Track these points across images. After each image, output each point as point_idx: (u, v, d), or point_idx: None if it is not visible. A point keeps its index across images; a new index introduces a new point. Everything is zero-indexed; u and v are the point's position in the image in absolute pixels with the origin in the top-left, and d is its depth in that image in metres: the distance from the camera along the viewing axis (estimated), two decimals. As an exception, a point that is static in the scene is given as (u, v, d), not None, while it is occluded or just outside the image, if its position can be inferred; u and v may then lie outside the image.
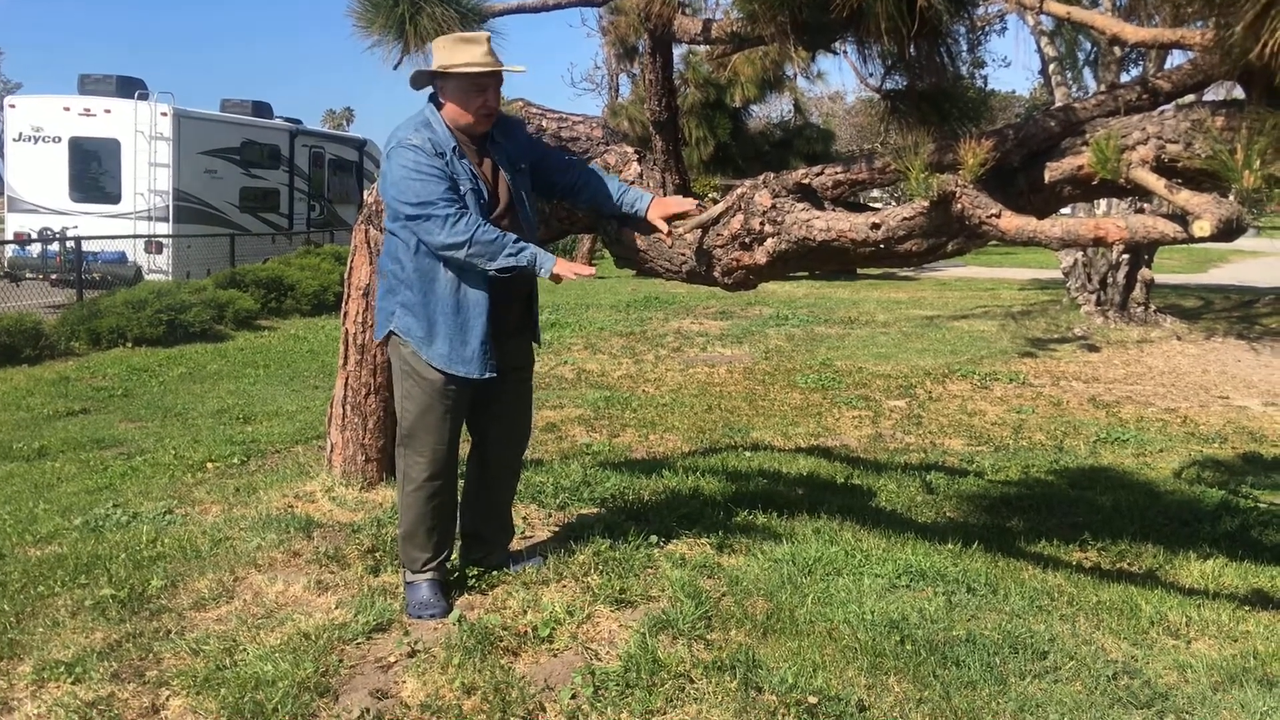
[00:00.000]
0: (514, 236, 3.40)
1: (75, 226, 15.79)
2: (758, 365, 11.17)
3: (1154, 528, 5.32)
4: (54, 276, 15.37)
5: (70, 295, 14.12)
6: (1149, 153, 3.14)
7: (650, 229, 3.80)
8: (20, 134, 16.95)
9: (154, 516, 4.72)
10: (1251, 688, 3.20)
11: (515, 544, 4.12)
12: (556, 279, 3.43)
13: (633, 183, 4.12)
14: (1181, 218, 2.80)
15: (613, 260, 4.26)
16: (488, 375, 3.49)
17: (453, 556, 3.80)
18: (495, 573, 3.80)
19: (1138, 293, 15.07)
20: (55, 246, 15.74)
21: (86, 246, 14.82)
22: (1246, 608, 4.03)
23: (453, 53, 3.43)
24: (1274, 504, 6.04)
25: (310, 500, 4.74)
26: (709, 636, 3.35)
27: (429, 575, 3.60)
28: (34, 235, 16.16)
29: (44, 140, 16.83)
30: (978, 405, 9.19)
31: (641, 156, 4.25)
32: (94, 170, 16.98)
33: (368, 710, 2.92)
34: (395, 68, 4.22)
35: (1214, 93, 3.71)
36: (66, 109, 16.81)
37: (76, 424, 8.07)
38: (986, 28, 17.15)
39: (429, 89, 3.59)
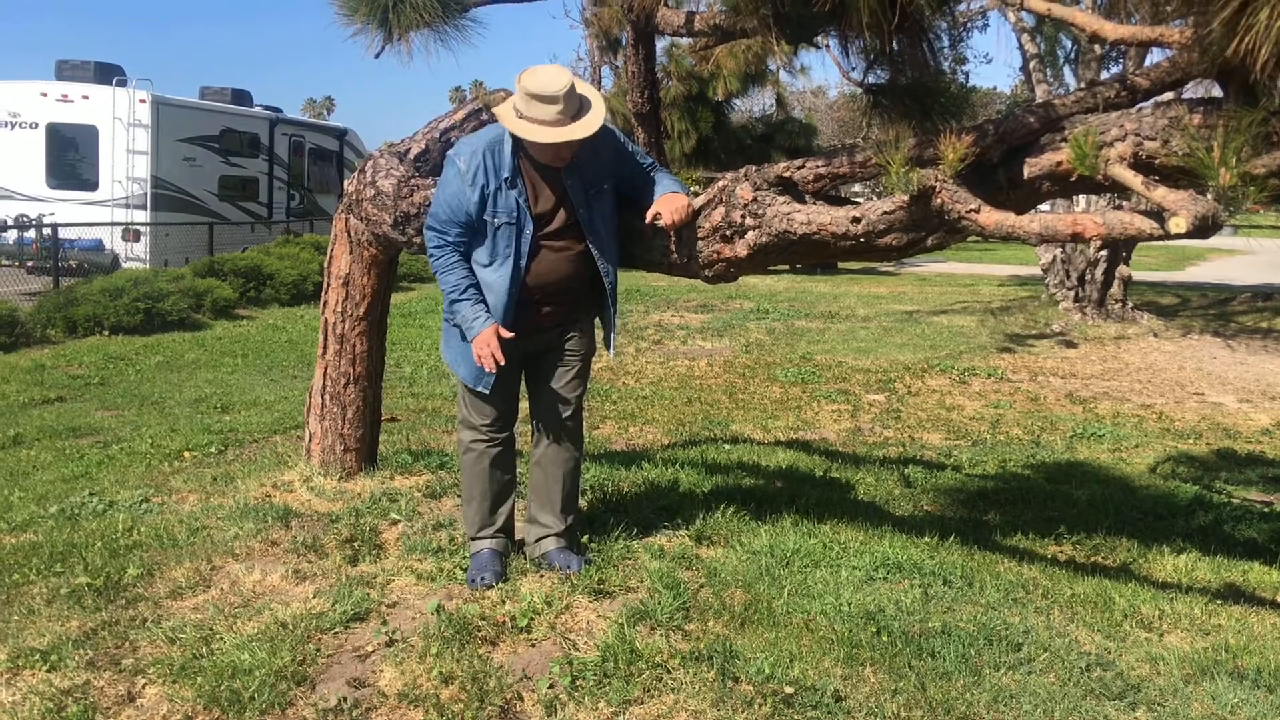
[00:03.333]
0: (472, 287, 3.54)
1: (52, 213, 15.63)
2: (738, 359, 11.19)
3: (1128, 522, 5.36)
4: (30, 264, 15.21)
5: (46, 283, 13.98)
6: (1127, 149, 3.16)
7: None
8: (-4, 120, 16.78)
9: (130, 505, 4.69)
10: (1222, 680, 3.23)
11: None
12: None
13: None
14: (1158, 215, 2.83)
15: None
16: (488, 387, 3.66)
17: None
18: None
19: (1115, 290, 15.18)
20: (31, 233, 15.58)
21: (63, 234, 14.68)
22: (1218, 601, 4.07)
23: (525, 106, 3.36)
24: (1247, 499, 6.10)
25: (288, 490, 4.72)
26: (687, 627, 3.36)
27: (484, 544, 3.78)
28: (10, 222, 15.99)
29: (20, 126, 16.64)
30: (956, 400, 9.24)
31: (624, 148, 4.25)
32: (71, 157, 16.79)
33: (345, 699, 2.91)
34: (377, 56, 4.22)
35: (1192, 91, 3.75)
36: (44, 95, 16.62)
37: (52, 412, 8.01)
38: (968, 24, 17.21)
39: None
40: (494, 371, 3.51)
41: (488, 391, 3.67)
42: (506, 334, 3.51)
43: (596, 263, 3.63)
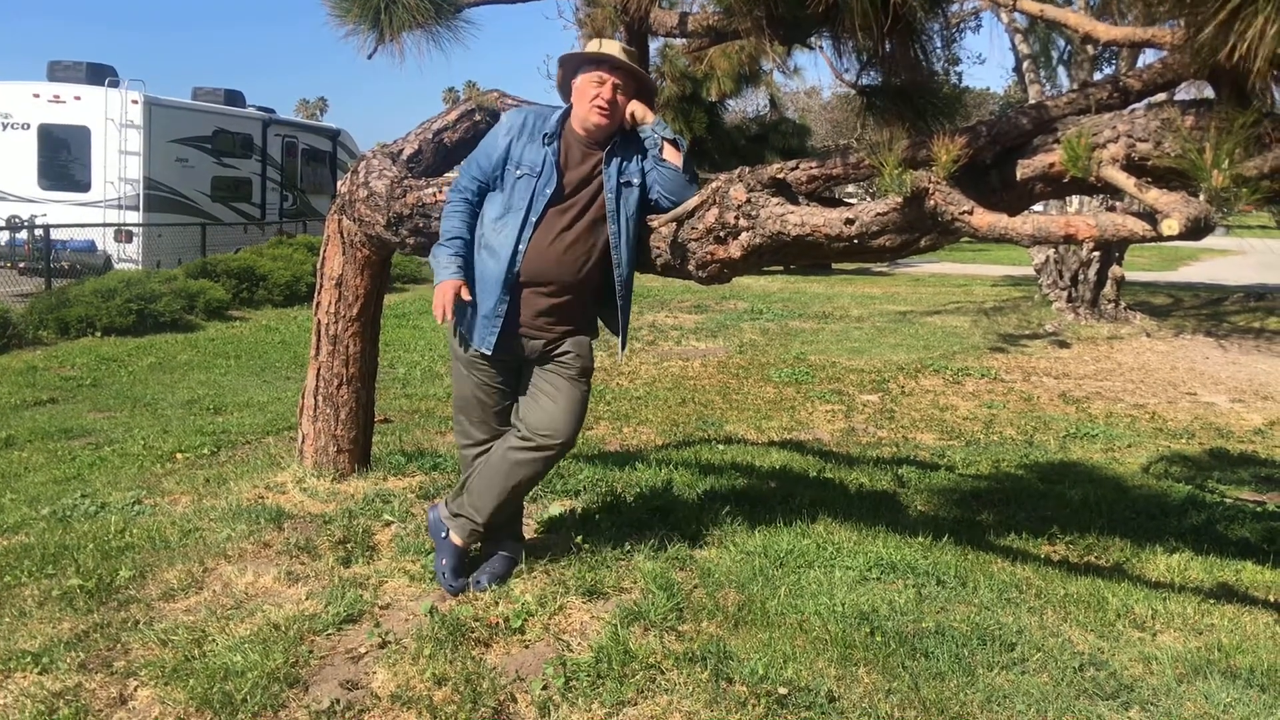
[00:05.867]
0: (458, 239, 3.54)
1: (44, 214, 15.57)
2: (732, 359, 11.20)
3: (1121, 522, 5.37)
4: (22, 265, 15.15)
5: (38, 284, 13.94)
6: (1119, 151, 3.17)
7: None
8: (-12, 121, 16.72)
9: (122, 507, 4.68)
10: (1215, 679, 3.24)
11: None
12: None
13: None
14: (1151, 216, 2.83)
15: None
16: (483, 349, 3.53)
17: None
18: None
19: (1108, 290, 15.22)
20: (23, 234, 15.53)
21: (55, 235, 14.63)
22: (1211, 601, 4.08)
23: (587, 47, 3.65)
24: (1239, 499, 6.12)
25: (281, 491, 4.71)
26: (680, 628, 3.36)
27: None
28: (2, 223, 15.94)
29: (12, 127, 16.58)
30: (949, 400, 9.25)
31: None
32: (63, 158, 16.73)
33: (338, 701, 2.91)
34: (370, 57, 4.20)
35: (1184, 92, 3.76)
36: (36, 96, 16.57)
37: (44, 414, 7.99)
38: (961, 25, 17.22)
39: None
40: (441, 321, 3.47)
41: (490, 338, 3.52)
42: (466, 296, 3.48)
43: (612, 252, 3.56)
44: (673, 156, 3.63)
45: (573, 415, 3.58)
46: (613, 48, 3.60)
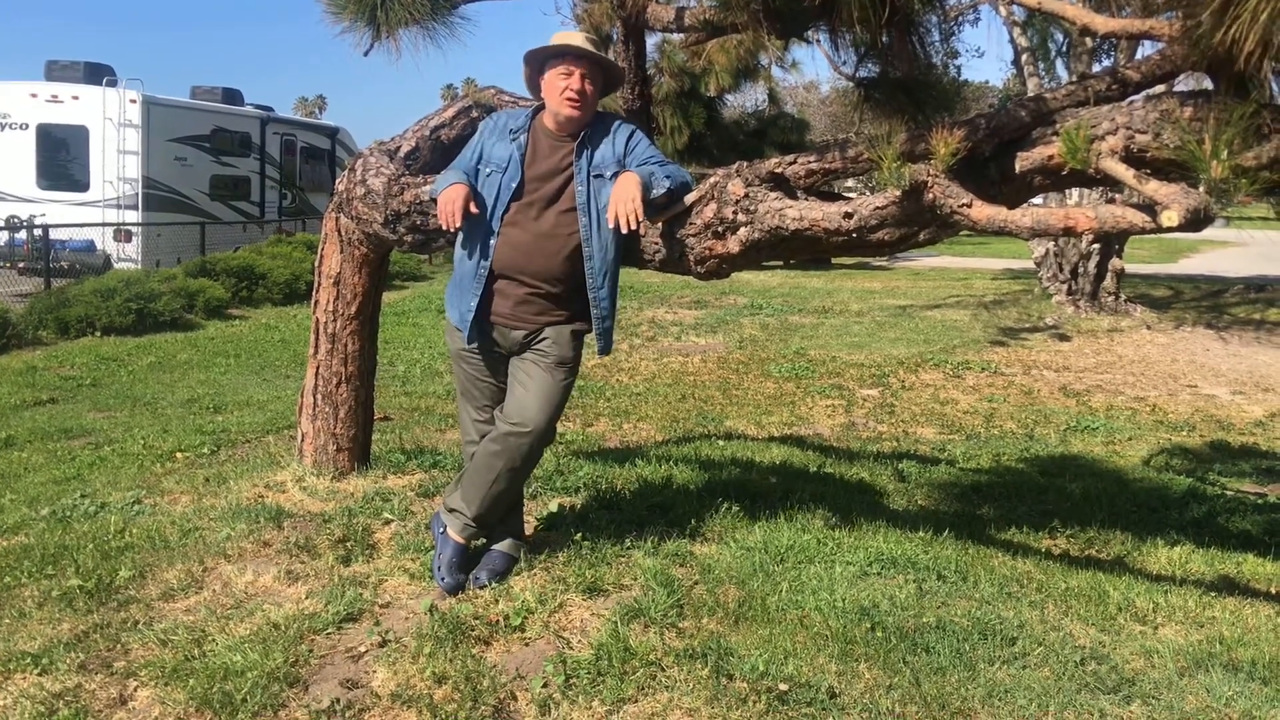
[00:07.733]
0: (452, 178, 3.59)
1: (43, 214, 15.57)
2: (732, 354, 11.19)
3: (1122, 515, 5.37)
4: (21, 265, 15.15)
5: (38, 284, 13.94)
6: (1118, 143, 3.16)
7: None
8: (-14, 121, 16.71)
9: (122, 507, 4.67)
10: (1217, 672, 3.23)
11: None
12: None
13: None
14: (1150, 208, 2.82)
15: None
16: (464, 340, 3.63)
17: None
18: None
19: (1108, 282, 15.21)
20: (23, 235, 15.52)
21: (54, 235, 14.62)
22: (1213, 593, 4.08)
23: (553, 40, 3.63)
24: (1241, 491, 6.11)
25: (281, 490, 4.70)
26: (681, 624, 3.35)
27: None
28: (0, 223, 15.94)
29: (11, 127, 16.58)
30: (950, 394, 9.25)
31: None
32: (62, 158, 16.72)
33: (338, 700, 2.90)
34: (366, 54, 4.18)
35: (1183, 84, 3.74)
36: (34, 95, 16.56)
37: (44, 414, 7.98)
38: (959, 17, 17.23)
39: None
40: (450, 228, 3.51)
41: (464, 332, 3.59)
42: (474, 209, 3.51)
43: (583, 244, 3.51)
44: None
45: (545, 403, 3.56)
46: (576, 38, 3.59)
